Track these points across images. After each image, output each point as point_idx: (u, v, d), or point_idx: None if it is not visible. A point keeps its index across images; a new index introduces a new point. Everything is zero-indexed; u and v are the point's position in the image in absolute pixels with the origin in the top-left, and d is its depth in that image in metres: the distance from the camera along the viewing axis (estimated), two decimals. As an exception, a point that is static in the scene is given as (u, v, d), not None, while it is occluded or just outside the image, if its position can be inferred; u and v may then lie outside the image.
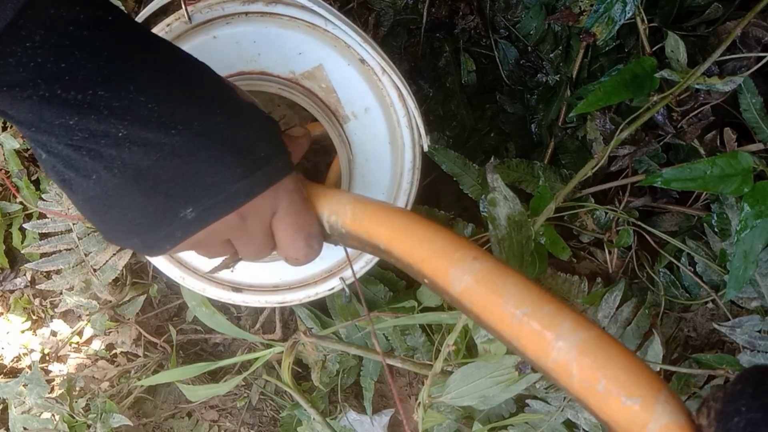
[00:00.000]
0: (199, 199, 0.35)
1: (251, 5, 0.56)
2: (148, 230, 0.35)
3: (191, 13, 0.56)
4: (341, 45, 0.57)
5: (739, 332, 0.82)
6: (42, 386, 0.99)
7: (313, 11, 0.56)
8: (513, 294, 0.34)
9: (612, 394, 0.31)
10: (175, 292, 1.07)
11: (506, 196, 0.71)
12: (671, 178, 0.70)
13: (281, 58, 0.59)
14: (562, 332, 0.32)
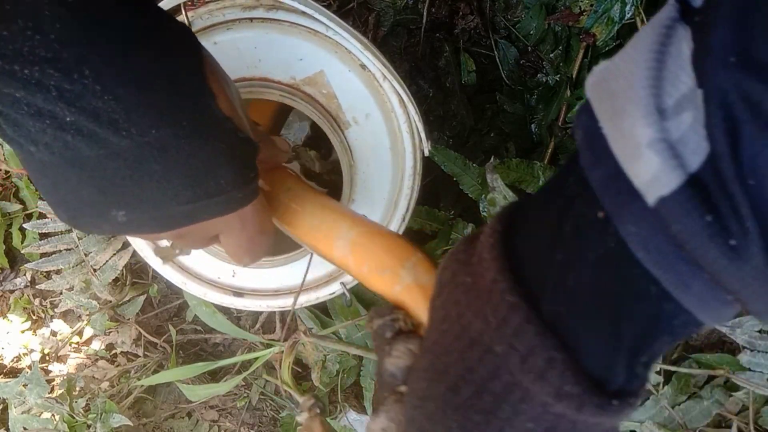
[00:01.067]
0: (133, 209, 0.32)
1: (252, 11, 0.56)
2: (76, 212, 0.32)
3: (192, 18, 0.56)
4: (342, 51, 0.57)
5: (739, 332, 0.82)
6: (42, 386, 0.99)
7: (313, 18, 0.56)
8: (310, 212, 0.44)
9: (374, 271, 0.39)
10: (175, 292, 1.07)
11: (506, 196, 0.71)
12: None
13: (282, 64, 0.59)
14: (340, 233, 0.42)
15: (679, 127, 0.22)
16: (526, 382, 0.25)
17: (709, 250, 0.21)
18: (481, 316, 0.26)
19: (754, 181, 0.20)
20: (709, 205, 0.21)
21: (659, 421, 0.84)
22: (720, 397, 0.84)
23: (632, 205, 0.23)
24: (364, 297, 0.90)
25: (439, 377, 0.28)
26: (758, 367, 0.81)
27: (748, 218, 0.21)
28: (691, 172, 0.21)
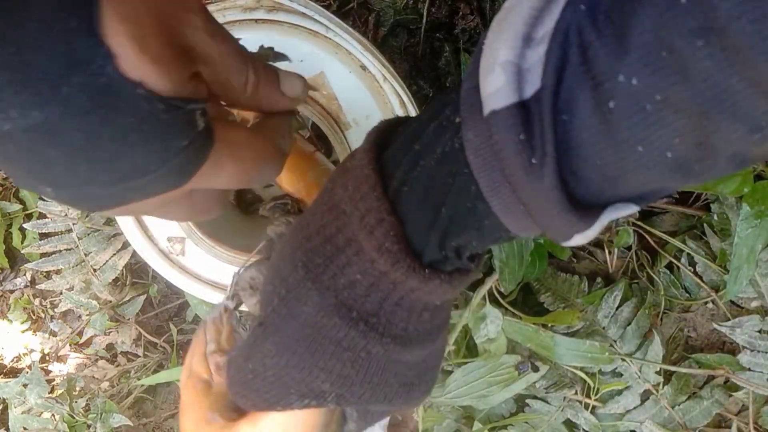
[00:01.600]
0: (57, 188, 0.28)
1: (253, 12, 0.56)
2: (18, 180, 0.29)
3: None
4: (343, 52, 0.58)
5: (739, 332, 0.82)
6: (42, 386, 0.99)
7: (314, 19, 0.56)
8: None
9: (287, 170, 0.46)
10: (175, 292, 1.07)
11: (506, 196, 0.71)
12: (671, 178, 0.70)
13: (283, 66, 0.59)
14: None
15: (532, 56, 0.24)
16: (360, 237, 0.30)
17: (513, 163, 0.25)
18: (344, 186, 0.31)
19: (566, 117, 0.24)
20: (526, 127, 0.24)
21: (659, 421, 0.84)
22: (720, 397, 0.84)
23: (476, 114, 0.26)
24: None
25: (300, 230, 0.33)
26: (758, 367, 0.81)
27: (549, 144, 0.24)
28: (523, 98, 0.25)
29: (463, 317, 0.74)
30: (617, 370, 0.84)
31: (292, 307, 0.31)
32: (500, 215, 0.27)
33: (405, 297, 0.31)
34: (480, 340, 0.74)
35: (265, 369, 0.32)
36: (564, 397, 0.86)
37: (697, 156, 0.23)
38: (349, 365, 0.31)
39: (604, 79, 0.22)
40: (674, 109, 0.22)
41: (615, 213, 0.27)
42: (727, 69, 0.20)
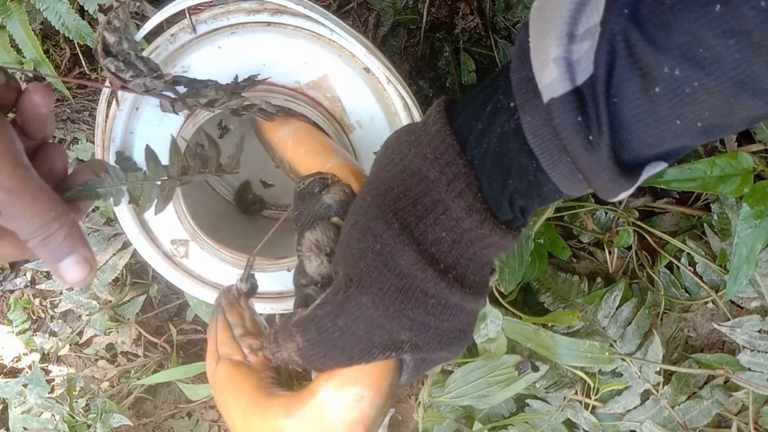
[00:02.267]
0: None
1: (256, 15, 0.56)
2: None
3: (196, 23, 0.56)
4: (346, 55, 0.57)
5: (739, 332, 0.82)
6: (42, 386, 0.99)
7: (318, 21, 0.56)
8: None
9: (309, 154, 0.48)
10: (175, 292, 1.07)
11: (506, 197, 0.71)
12: (671, 179, 0.70)
13: (286, 69, 0.58)
14: (287, 126, 0.51)
15: (579, 51, 0.30)
16: (448, 199, 0.34)
17: (574, 140, 0.30)
18: (422, 155, 0.35)
19: (618, 100, 0.29)
20: (582, 110, 0.30)
21: (659, 421, 0.84)
22: (720, 397, 0.84)
23: (533, 101, 0.31)
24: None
25: (384, 194, 0.36)
26: (758, 367, 0.81)
27: (604, 124, 0.30)
28: (577, 86, 0.30)
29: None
30: (617, 370, 0.84)
31: (388, 261, 0.34)
32: (558, 182, 0.33)
33: (478, 252, 0.35)
34: (480, 340, 0.74)
35: (356, 323, 0.35)
36: (564, 397, 0.86)
37: (720, 123, 0.29)
38: (431, 313, 0.35)
39: (650, 70, 0.28)
40: (708, 91, 0.27)
41: (650, 170, 0.33)
42: (753, 59, 0.25)
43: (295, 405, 0.37)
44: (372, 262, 0.35)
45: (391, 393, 0.37)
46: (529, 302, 0.89)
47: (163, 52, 0.57)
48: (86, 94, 0.97)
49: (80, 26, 0.71)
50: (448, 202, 0.34)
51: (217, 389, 0.39)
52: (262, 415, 0.36)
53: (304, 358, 0.37)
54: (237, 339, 0.40)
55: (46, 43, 0.88)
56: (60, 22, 0.71)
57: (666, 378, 0.83)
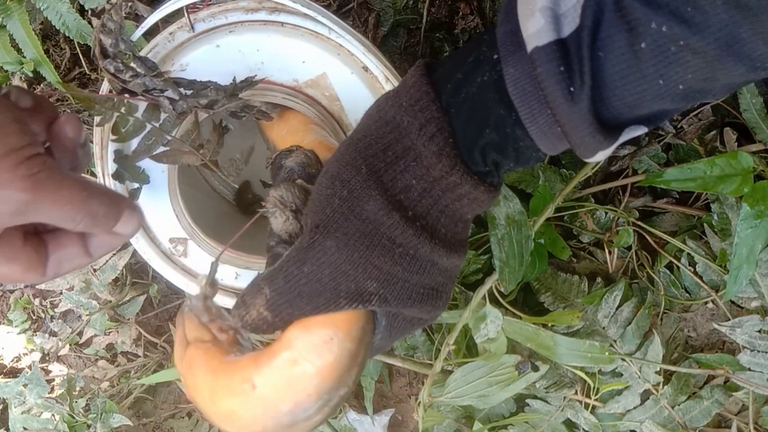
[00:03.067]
0: None
1: (255, 14, 0.56)
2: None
3: (194, 21, 0.56)
4: (344, 53, 0.58)
5: (739, 332, 0.82)
6: (42, 386, 0.99)
7: (316, 20, 0.56)
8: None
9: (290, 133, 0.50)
10: (175, 292, 1.07)
11: (506, 196, 0.71)
12: (671, 178, 0.70)
13: (285, 67, 0.59)
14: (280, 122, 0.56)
15: (567, 4, 0.29)
16: (419, 144, 0.34)
17: (555, 90, 0.30)
18: (398, 104, 0.35)
19: (603, 54, 0.29)
20: (566, 60, 0.30)
21: (659, 421, 0.84)
22: (720, 397, 0.84)
23: (517, 53, 0.31)
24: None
25: (357, 142, 0.36)
26: (758, 367, 0.81)
27: (587, 75, 0.29)
28: (561, 37, 0.30)
29: (463, 317, 0.74)
30: (617, 370, 0.84)
31: (354, 206, 0.34)
32: (536, 138, 0.33)
33: (449, 205, 0.35)
34: (480, 340, 0.74)
35: (321, 269, 0.34)
36: (564, 396, 0.86)
37: (702, 87, 0.29)
38: (398, 262, 0.34)
39: (638, 25, 0.27)
40: (693, 51, 0.27)
41: (630, 133, 0.33)
42: (739, 21, 0.25)
43: (264, 356, 0.35)
44: (338, 207, 0.34)
45: (364, 340, 0.35)
46: (529, 302, 0.89)
47: (161, 50, 0.57)
48: (86, 94, 0.97)
49: (81, 26, 0.71)
50: (419, 148, 0.34)
51: (186, 370, 0.38)
52: (231, 373, 0.35)
53: (272, 310, 0.35)
54: (207, 324, 0.39)
55: (46, 43, 0.88)
56: (60, 22, 0.71)
57: (666, 378, 0.83)
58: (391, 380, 1.05)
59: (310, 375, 0.33)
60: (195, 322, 0.39)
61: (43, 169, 0.31)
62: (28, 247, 0.34)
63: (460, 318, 0.74)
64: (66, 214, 0.32)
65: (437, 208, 0.35)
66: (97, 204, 0.33)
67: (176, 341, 0.40)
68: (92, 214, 0.33)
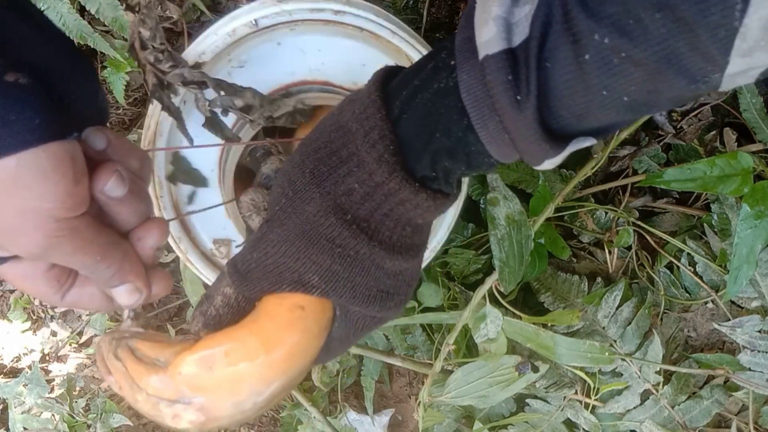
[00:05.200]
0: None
1: (319, 13, 0.55)
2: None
3: (258, 18, 0.54)
4: (404, 59, 0.57)
5: (739, 332, 0.82)
6: (42, 386, 0.99)
7: (379, 23, 0.55)
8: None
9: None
10: (175, 292, 1.07)
11: (506, 196, 0.71)
12: (671, 179, 0.70)
13: (345, 69, 0.58)
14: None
15: (519, 13, 0.30)
16: (363, 151, 0.35)
17: (502, 98, 0.31)
18: (352, 110, 0.36)
19: (550, 64, 0.30)
20: (514, 69, 0.30)
21: (659, 421, 0.84)
22: (720, 397, 0.84)
23: (471, 60, 0.32)
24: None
25: (309, 144, 0.38)
26: (758, 367, 0.81)
27: (533, 85, 0.30)
28: (511, 46, 0.30)
29: (463, 317, 0.74)
30: (617, 370, 0.84)
31: (296, 206, 0.37)
32: (486, 143, 0.33)
33: (394, 209, 0.36)
34: (480, 340, 0.74)
35: (266, 257, 0.37)
36: (564, 396, 0.86)
37: (646, 100, 0.29)
38: (338, 261, 0.36)
39: (582, 37, 0.28)
40: (634, 63, 0.28)
41: (577, 144, 0.34)
42: (677, 35, 0.26)
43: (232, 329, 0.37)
44: (284, 205, 0.37)
45: (324, 323, 0.38)
46: (529, 302, 0.89)
47: (221, 45, 0.55)
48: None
49: (81, 26, 0.71)
50: (362, 154, 0.35)
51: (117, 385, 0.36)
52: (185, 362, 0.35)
53: (232, 285, 0.39)
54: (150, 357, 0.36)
55: (46, 43, 0.88)
56: (61, 23, 0.71)
57: (666, 378, 0.83)
58: (391, 380, 1.05)
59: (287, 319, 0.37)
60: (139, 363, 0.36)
61: (64, 234, 0.31)
62: (51, 274, 0.35)
63: (460, 318, 0.74)
64: (78, 266, 0.34)
65: (380, 211, 0.36)
66: (105, 271, 0.34)
67: (123, 391, 0.36)
68: (97, 277, 0.35)
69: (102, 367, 0.37)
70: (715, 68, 0.27)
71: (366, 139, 0.35)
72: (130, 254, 0.36)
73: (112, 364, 0.36)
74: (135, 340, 0.37)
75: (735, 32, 0.25)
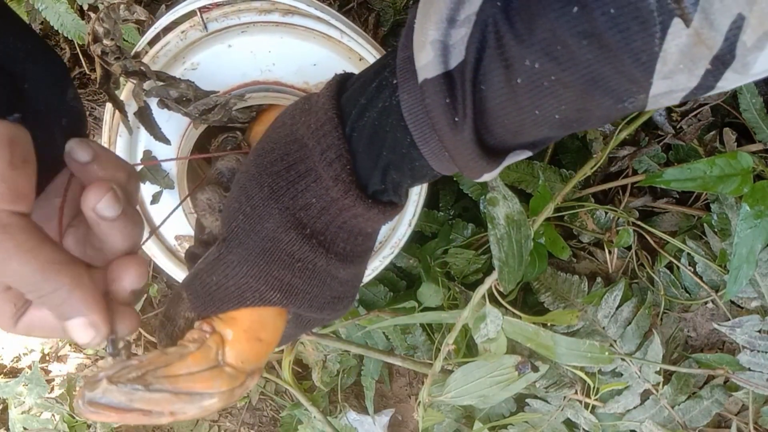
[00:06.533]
0: None
1: (268, 15, 0.56)
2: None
3: (206, 20, 0.56)
4: (355, 57, 0.57)
5: (739, 332, 0.82)
6: (42, 386, 0.99)
7: (329, 23, 0.56)
8: None
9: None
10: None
11: (505, 196, 0.71)
12: (671, 179, 0.70)
13: (296, 69, 0.58)
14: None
15: (456, 36, 0.31)
16: (320, 168, 0.36)
17: (440, 120, 0.32)
18: (307, 124, 0.37)
19: (485, 87, 0.31)
20: (451, 92, 0.32)
21: (659, 421, 0.84)
22: (720, 397, 0.84)
23: (411, 81, 0.33)
24: (365, 298, 0.90)
25: (265, 155, 0.38)
26: (758, 367, 0.81)
27: (469, 108, 0.31)
28: (448, 69, 0.31)
29: (463, 317, 0.74)
30: (617, 369, 0.84)
31: (255, 224, 0.37)
32: (428, 159, 0.35)
33: (347, 222, 0.37)
34: (480, 339, 0.74)
35: (227, 279, 0.38)
36: (564, 396, 0.86)
37: (577, 117, 0.31)
38: (298, 275, 0.37)
39: (514, 62, 0.29)
40: (564, 85, 0.29)
41: (514, 157, 0.35)
42: (602, 60, 0.27)
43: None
44: (242, 223, 0.37)
45: (279, 332, 0.40)
46: (529, 302, 0.89)
47: (173, 48, 0.56)
48: (86, 94, 0.97)
49: (79, 26, 0.71)
50: (319, 171, 0.36)
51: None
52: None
53: (194, 310, 0.39)
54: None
55: (46, 43, 0.88)
56: (59, 23, 0.71)
57: (666, 378, 0.83)
58: (391, 380, 1.05)
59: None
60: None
61: (10, 232, 0.27)
62: (6, 296, 0.31)
63: (460, 318, 0.74)
64: (14, 280, 0.28)
65: (335, 224, 0.37)
66: (49, 291, 0.29)
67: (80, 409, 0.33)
68: (43, 299, 0.29)
69: (115, 415, 0.32)
70: (640, 89, 0.28)
71: (323, 157, 0.36)
72: (84, 281, 0.30)
73: (142, 401, 0.33)
74: (162, 368, 0.34)
75: (656, 56, 0.26)
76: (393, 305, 0.85)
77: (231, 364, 0.36)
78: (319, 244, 0.37)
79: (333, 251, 0.38)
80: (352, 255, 0.39)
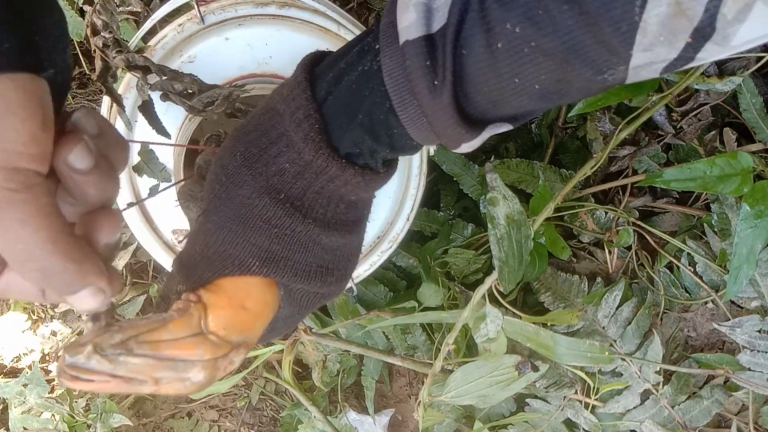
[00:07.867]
0: None
1: (264, 8, 0.56)
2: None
3: (204, 13, 0.56)
4: None
5: (739, 332, 0.82)
6: (42, 386, 0.99)
7: (325, 15, 0.56)
8: None
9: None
10: (175, 292, 1.07)
11: (505, 196, 0.71)
12: (671, 178, 0.70)
13: (292, 62, 0.58)
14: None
15: (439, 0, 0.31)
16: (290, 130, 0.35)
17: (419, 82, 0.32)
18: (279, 93, 0.37)
19: (466, 51, 0.30)
20: (432, 55, 0.31)
21: (659, 421, 0.84)
22: (720, 397, 0.84)
23: (393, 44, 0.32)
24: (365, 298, 0.90)
25: (240, 129, 0.38)
26: (758, 367, 0.81)
27: (448, 71, 0.31)
28: (430, 32, 0.31)
29: (463, 317, 0.74)
30: (617, 369, 0.84)
31: (230, 191, 0.37)
32: (407, 126, 0.34)
33: (325, 186, 0.37)
34: (480, 339, 0.74)
35: (207, 248, 0.38)
36: (564, 396, 0.86)
37: (557, 89, 0.31)
38: (276, 241, 0.37)
39: (495, 25, 0.29)
40: (544, 53, 0.29)
41: (494, 129, 0.35)
42: (582, 27, 0.27)
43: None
44: (218, 192, 0.37)
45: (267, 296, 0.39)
46: (529, 302, 0.89)
47: (170, 41, 0.56)
48: (86, 94, 0.97)
49: (78, 25, 0.71)
50: (290, 134, 0.36)
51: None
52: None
53: (184, 283, 0.39)
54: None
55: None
56: (60, 22, 0.71)
57: (666, 378, 0.83)
58: (391, 380, 1.05)
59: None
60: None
61: (17, 190, 0.25)
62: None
63: (460, 317, 0.74)
64: (14, 254, 0.26)
65: (312, 189, 0.37)
66: (57, 265, 0.27)
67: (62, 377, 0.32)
68: (45, 272, 0.27)
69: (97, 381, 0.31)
70: (620, 61, 0.28)
71: (293, 119, 0.35)
72: (87, 250, 0.29)
73: (124, 366, 0.32)
74: (144, 334, 0.34)
75: (636, 27, 0.26)
76: (393, 305, 0.85)
77: (214, 332, 0.36)
78: (295, 209, 0.37)
79: (311, 216, 0.37)
80: (334, 223, 0.38)
